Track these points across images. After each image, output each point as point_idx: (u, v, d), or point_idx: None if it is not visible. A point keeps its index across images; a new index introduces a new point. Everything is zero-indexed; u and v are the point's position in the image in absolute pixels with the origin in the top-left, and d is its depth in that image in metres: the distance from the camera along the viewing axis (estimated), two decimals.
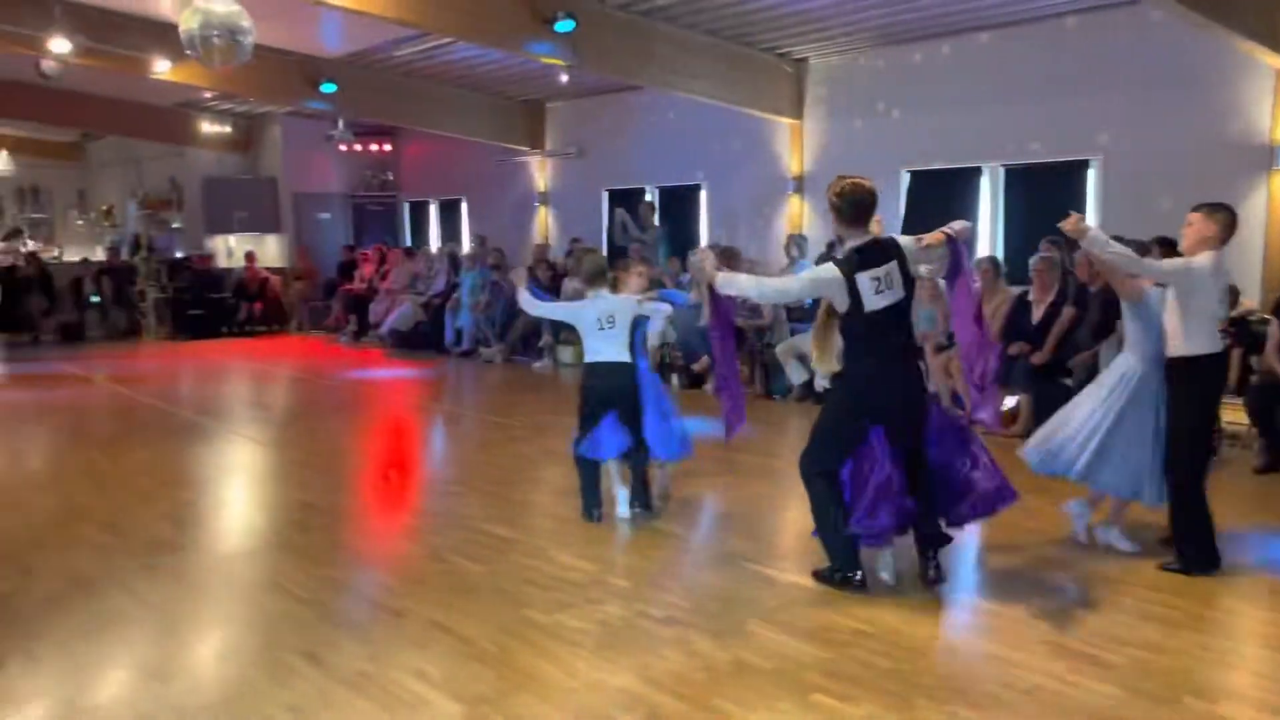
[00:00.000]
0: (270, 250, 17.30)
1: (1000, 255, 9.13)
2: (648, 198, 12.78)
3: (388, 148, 17.18)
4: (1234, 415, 6.74)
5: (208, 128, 16.74)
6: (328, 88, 12.35)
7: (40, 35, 10.31)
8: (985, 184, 9.96)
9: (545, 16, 8.86)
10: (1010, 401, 7.94)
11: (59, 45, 10.39)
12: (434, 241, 16.63)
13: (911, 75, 10.28)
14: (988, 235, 9.95)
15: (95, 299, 16.27)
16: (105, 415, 9.25)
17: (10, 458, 7.60)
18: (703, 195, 12.52)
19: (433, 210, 17.08)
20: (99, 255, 18.18)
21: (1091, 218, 8.54)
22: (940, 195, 10.05)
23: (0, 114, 15.55)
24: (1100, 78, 8.91)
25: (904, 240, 4.46)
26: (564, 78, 11.55)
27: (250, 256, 16.44)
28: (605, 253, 12.43)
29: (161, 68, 11.30)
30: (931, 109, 10.11)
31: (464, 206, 16.31)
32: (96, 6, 10.53)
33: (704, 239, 12.31)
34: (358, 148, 16.33)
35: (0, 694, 3.52)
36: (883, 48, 10.44)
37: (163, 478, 6.69)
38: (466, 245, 15.23)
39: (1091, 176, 9.17)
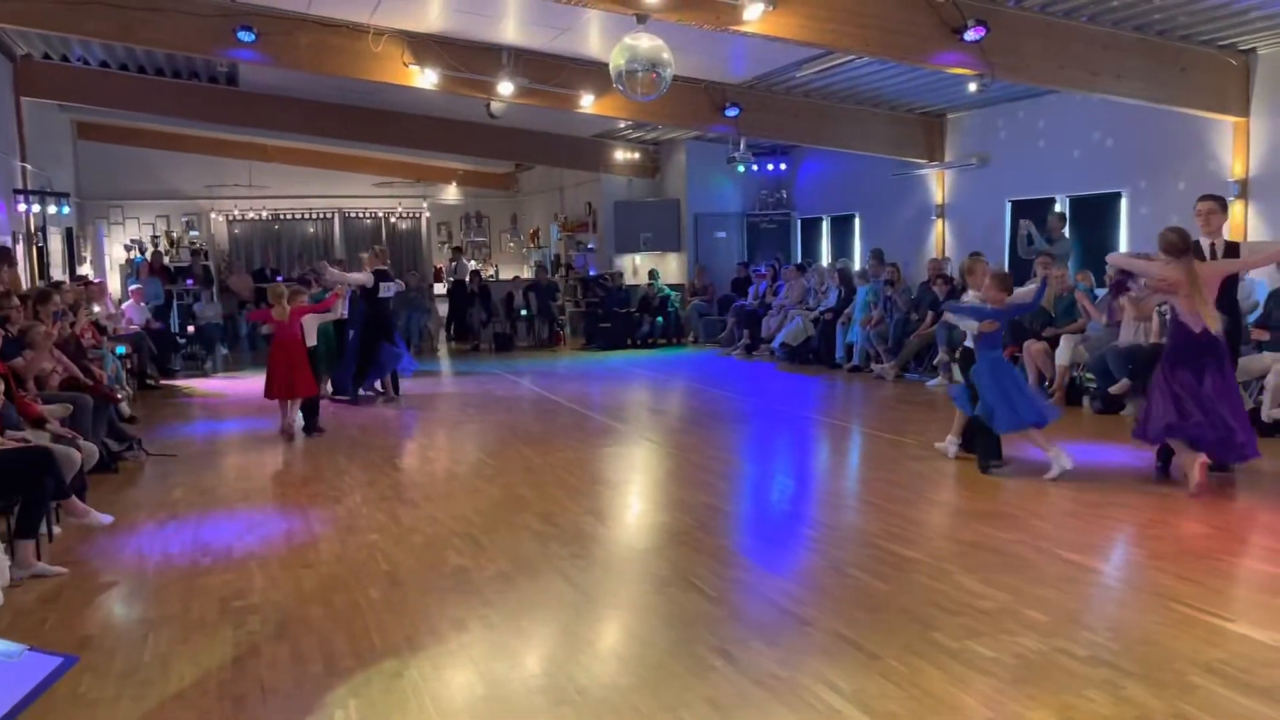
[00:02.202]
0: (671, 268, 18.45)
1: None
2: (1057, 208, 11.98)
3: (783, 166, 17.61)
4: None
5: (620, 155, 18.22)
6: (732, 112, 12.91)
7: (491, 80, 11.82)
8: None
9: (954, 26, 8.61)
10: None
11: (505, 88, 11.86)
12: (824, 257, 16.77)
13: None
14: None
15: (524, 312, 18.33)
16: (533, 416, 10.34)
17: (462, 451, 8.74)
18: (1122, 204, 11.49)
19: (824, 226, 17.23)
20: (526, 273, 20.42)
21: None
22: None
23: (455, 150, 18.04)
24: None
25: None
26: (972, 86, 11.18)
27: (652, 274, 17.64)
28: (1007, 265, 11.89)
29: (586, 102, 12.47)
30: None
31: (857, 222, 16.29)
32: (536, 50, 11.86)
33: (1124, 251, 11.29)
34: (755, 168, 16.88)
35: (463, 651, 4.07)
36: None
37: (585, 474, 7.38)
38: (858, 261, 15.21)
39: None
